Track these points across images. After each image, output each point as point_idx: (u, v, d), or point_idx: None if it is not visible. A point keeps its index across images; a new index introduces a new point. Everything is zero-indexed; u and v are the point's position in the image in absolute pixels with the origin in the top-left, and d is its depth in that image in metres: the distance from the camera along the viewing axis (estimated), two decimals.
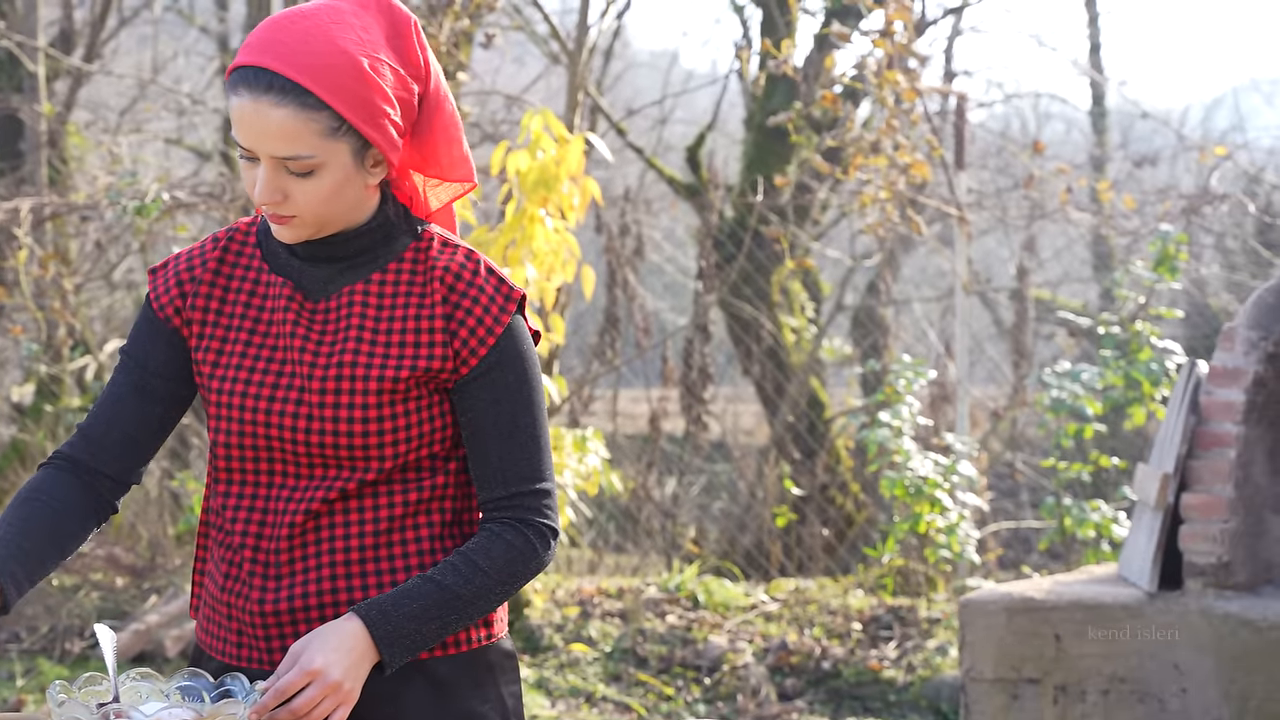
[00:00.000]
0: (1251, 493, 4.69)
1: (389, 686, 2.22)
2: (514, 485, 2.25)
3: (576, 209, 6.07)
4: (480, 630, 2.30)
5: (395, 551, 2.25)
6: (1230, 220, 9.74)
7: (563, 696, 6.17)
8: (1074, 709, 4.69)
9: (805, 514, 8.61)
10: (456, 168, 2.28)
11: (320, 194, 2.16)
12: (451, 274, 2.23)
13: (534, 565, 2.26)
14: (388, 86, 2.16)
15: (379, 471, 2.22)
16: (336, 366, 2.21)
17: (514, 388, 2.24)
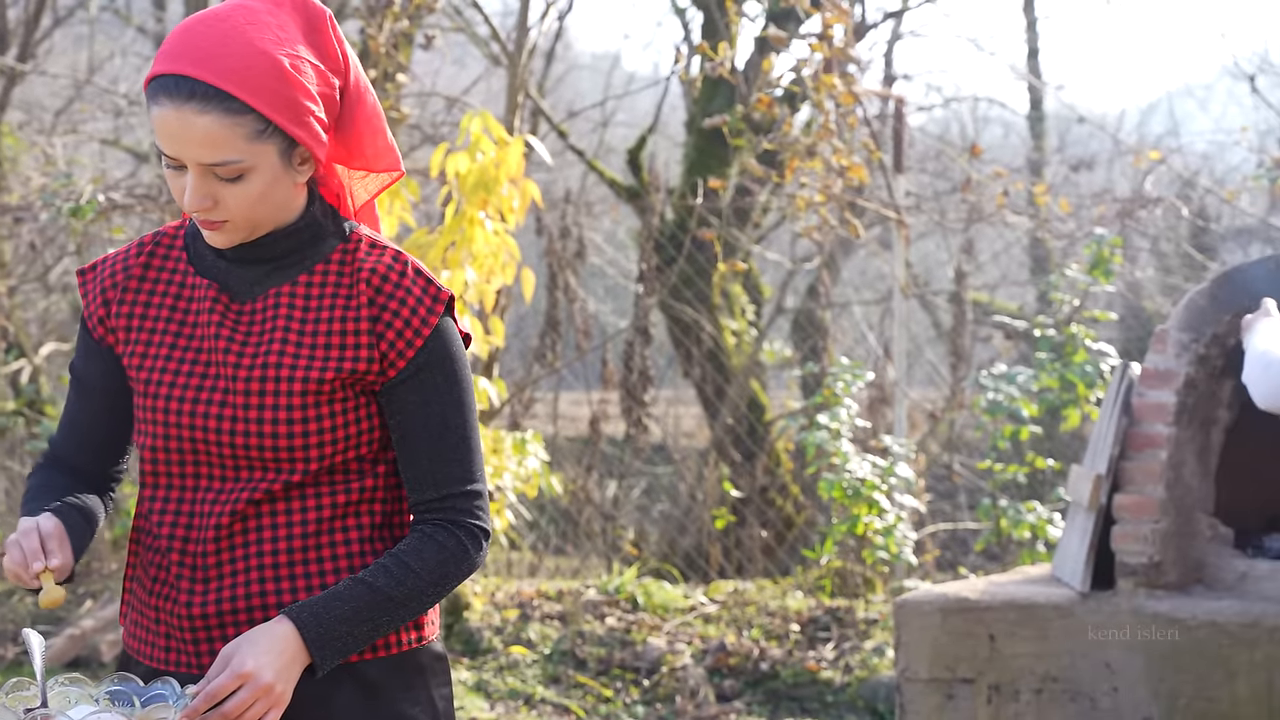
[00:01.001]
0: (1182, 493, 4.75)
1: (319, 689, 2.21)
2: (445, 487, 2.24)
3: (516, 211, 6.06)
4: (411, 632, 2.30)
5: (324, 554, 2.24)
6: (1165, 224, 9.84)
7: (502, 699, 6.17)
8: (1007, 708, 4.73)
9: (744, 516, 8.63)
10: (382, 158, 2.28)
11: (250, 197, 2.15)
12: (379, 276, 2.22)
13: (466, 566, 2.26)
14: (310, 84, 2.16)
15: (305, 474, 2.21)
16: (261, 368, 2.20)
17: (443, 389, 2.24)
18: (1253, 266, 4.69)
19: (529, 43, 7.44)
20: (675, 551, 8.94)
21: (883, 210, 7.29)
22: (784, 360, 10.77)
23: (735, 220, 9.29)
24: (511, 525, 7.49)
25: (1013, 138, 12.77)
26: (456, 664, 6.44)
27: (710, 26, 9.74)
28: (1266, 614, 4.47)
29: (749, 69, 8.99)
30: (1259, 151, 9.48)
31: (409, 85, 8.94)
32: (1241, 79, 10.96)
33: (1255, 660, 4.44)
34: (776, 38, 6.69)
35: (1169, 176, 9.91)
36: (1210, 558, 4.75)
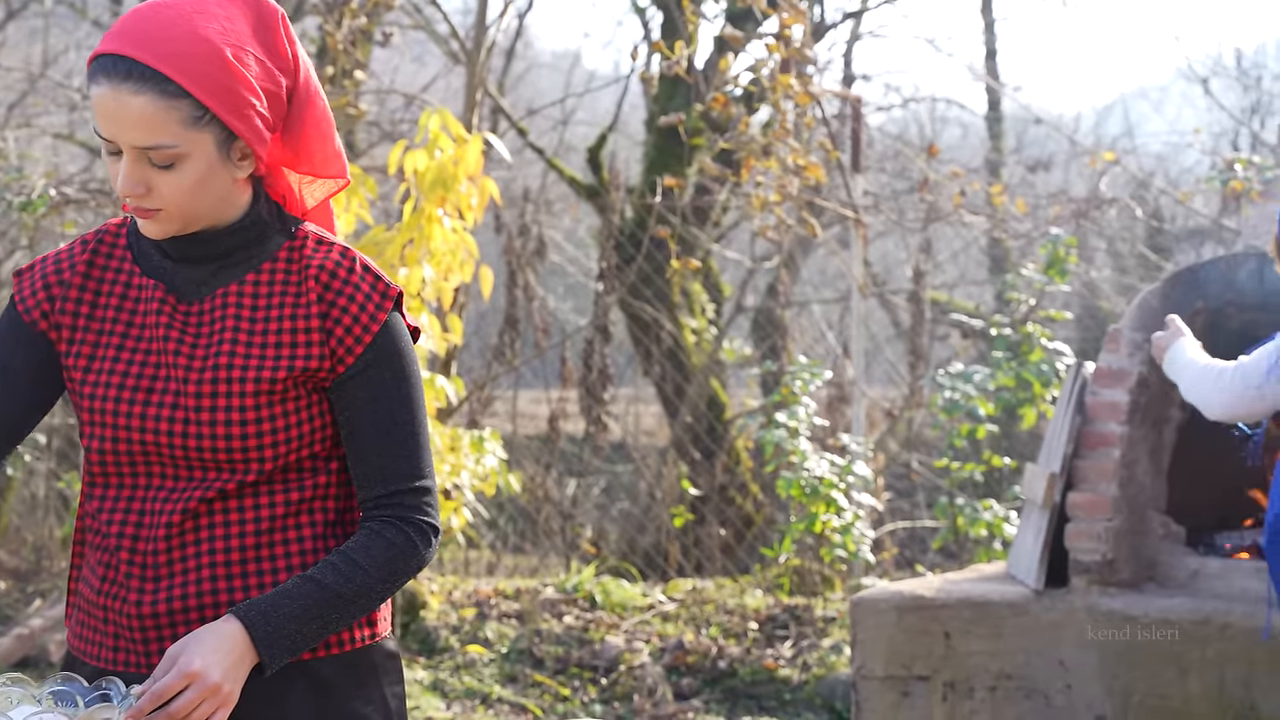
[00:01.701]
0: (1135, 492, 4.78)
1: (270, 687, 2.20)
2: (393, 483, 2.23)
3: (475, 209, 6.05)
4: (363, 630, 2.28)
5: (277, 552, 2.23)
6: (1121, 225, 9.90)
7: (458, 698, 6.15)
8: (962, 705, 4.75)
9: (703, 514, 8.64)
10: (330, 164, 2.27)
11: (184, 186, 2.13)
12: (326, 272, 2.21)
13: (415, 563, 2.25)
14: (253, 77, 2.14)
15: (259, 473, 2.20)
16: (212, 369, 2.18)
17: (391, 385, 2.23)
18: (1204, 267, 4.72)
19: (487, 40, 7.42)
20: (635, 550, 8.94)
21: (840, 210, 7.31)
22: (744, 359, 10.79)
23: (694, 219, 9.30)
24: (470, 524, 7.48)
25: (971, 138, 12.83)
26: (413, 663, 6.43)
27: (670, 26, 9.75)
28: (1218, 611, 4.50)
29: (708, 68, 9.00)
30: (1212, 153, 9.55)
31: (367, 82, 8.91)
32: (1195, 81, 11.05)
33: (1207, 657, 4.47)
34: (733, 37, 6.70)
35: (1124, 178, 9.97)
36: (1163, 555, 4.78)
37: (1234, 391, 3.52)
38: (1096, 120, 15.90)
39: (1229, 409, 3.56)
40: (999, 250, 11.14)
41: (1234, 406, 3.55)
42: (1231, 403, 3.54)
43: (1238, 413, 3.55)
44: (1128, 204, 8.06)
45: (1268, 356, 3.48)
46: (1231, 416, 3.58)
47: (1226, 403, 3.55)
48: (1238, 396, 3.52)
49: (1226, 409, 3.56)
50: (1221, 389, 3.55)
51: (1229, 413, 3.57)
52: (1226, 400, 3.55)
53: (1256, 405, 3.51)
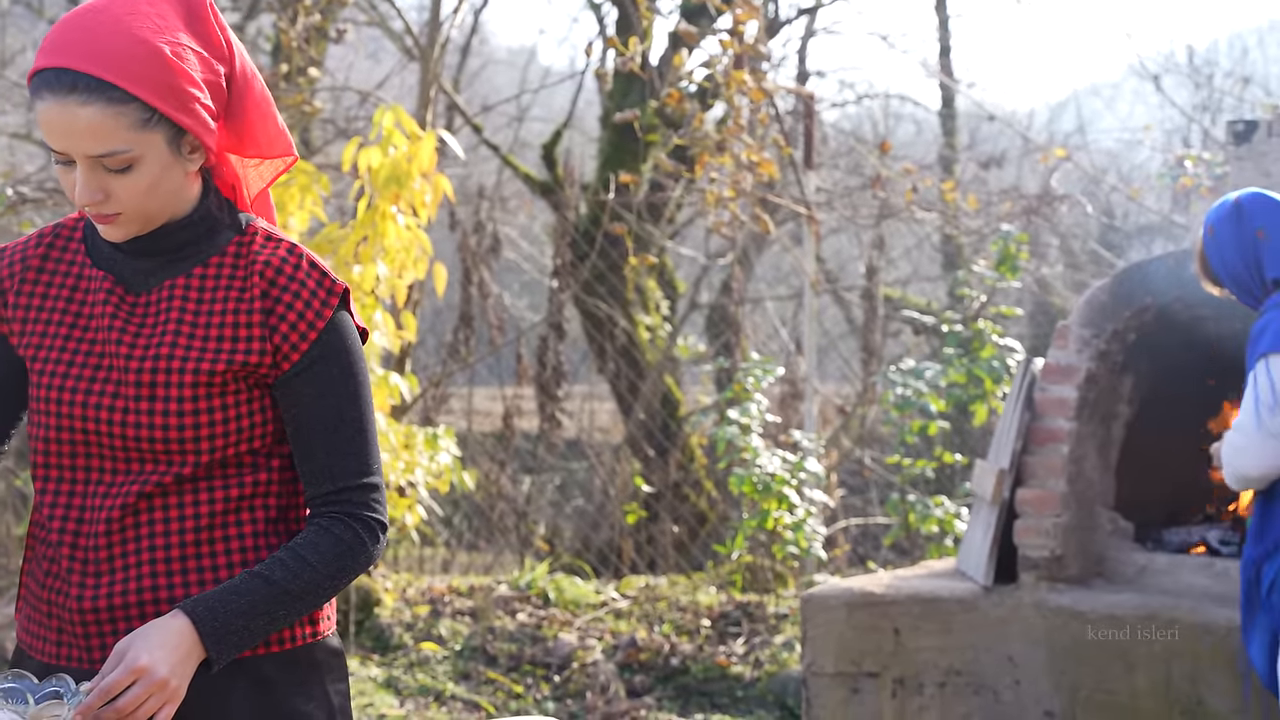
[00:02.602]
0: (1083, 488, 4.81)
1: (212, 685, 2.20)
2: (341, 480, 2.24)
3: (429, 206, 6.05)
4: (306, 628, 2.29)
5: (218, 549, 2.23)
6: (1074, 221, 9.97)
7: (412, 695, 6.15)
8: (911, 701, 4.77)
9: (657, 512, 8.65)
10: (275, 144, 2.27)
11: (140, 188, 2.14)
12: (272, 268, 2.22)
13: (363, 560, 2.26)
14: (193, 71, 2.15)
15: (196, 466, 2.20)
16: (153, 359, 2.19)
17: (338, 382, 2.23)
18: (1152, 264, 4.76)
19: (441, 37, 7.41)
20: (589, 547, 8.94)
21: (793, 206, 7.34)
22: (698, 355, 10.81)
23: (649, 215, 9.30)
24: (425, 521, 7.47)
25: (925, 134, 12.88)
26: (367, 660, 6.42)
27: (625, 22, 9.74)
28: (1165, 607, 4.54)
29: (663, 65, 9.01)
30: (1164, 150, 9.62)
31: (322, 79, 8.87)
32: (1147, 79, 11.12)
33: (1154, 652, 4.51)
34: (687, 33, 6.72)
35: (1077, 174, 10.04)
36: (1111, 551, 4.82)
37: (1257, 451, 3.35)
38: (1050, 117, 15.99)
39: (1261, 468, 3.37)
40: (952, 247, 11.20)
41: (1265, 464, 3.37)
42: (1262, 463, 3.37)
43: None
44: (1079, 200, 8.12)
45: (1255, 406, 3.34)
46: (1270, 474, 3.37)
47: (1255, 466, 3.37)
48: (1263, 453, 3.35)
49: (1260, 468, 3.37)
50: (1240, 456, 3.38)
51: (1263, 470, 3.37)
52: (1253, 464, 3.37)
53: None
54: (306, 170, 6.02)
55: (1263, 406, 3.32)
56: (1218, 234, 3.55)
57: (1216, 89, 11.87)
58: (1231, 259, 3.52)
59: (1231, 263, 3.52)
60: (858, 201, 9.02)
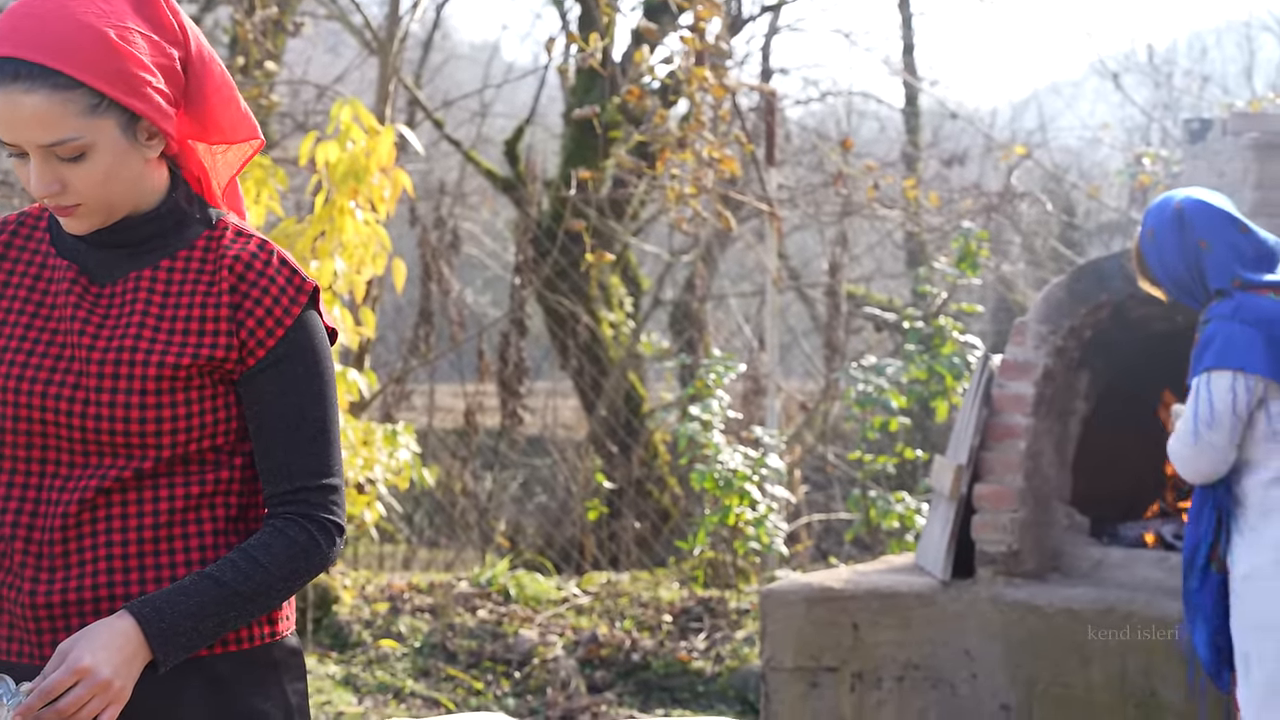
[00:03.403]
0: (1040, 483, 4.83)
1: (165, 684, 2.18)
2: (300, 480, 2.22)
3: (387, 201, 6.02)
4: (264, 627, 2.26)
5: (175, 546, 2.21)
6: (1036, 219, 10.00)
7: (371, 693, 6.12)
8: (870, 696, 4.78)
9: (620, 508, 8.65)
10: (239, 128, 2.25)
11: (96, 176, 2.12)
12: (242, 263, 2.20)
13: (317, 562, 2.23)
14: (143, 55, 2.13)
15: (156, 461, 2.18)
16: (116, 351, 2.17)
17: (303, 381, 2.21)
18: (1108, 261, 4.78)
19: (400, 31, 7.39)
20: (552, 544, 8.94)
21: (755, 203, 7.34)
22: (661, 352, 10.81)
23: (611, 212, 9.30)
24: (384, 518, 7.45)
25: (889, 132, 12.91)
26: (325, 658, 6.39)
27: (587, 18, 9.73)
28: (1120, 600, 4.56)
29: (625, 61, 9.00)
30: (1125, 148, 9.67)
31: (281, 73, 8.84)
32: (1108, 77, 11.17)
33: (1109, 646, 4.53)
34: (648, 30, 6.71)
35: (1039, 172, 10.07)
36: (1067, 546, 4.84)
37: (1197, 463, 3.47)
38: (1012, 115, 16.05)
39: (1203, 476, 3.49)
40: (915, 244, 11.23)
41: (1204, 473, 3.48)
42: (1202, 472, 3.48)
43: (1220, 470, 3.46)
44: (1039, 198, 8.15)
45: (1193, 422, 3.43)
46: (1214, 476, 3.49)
47: (1199, 475, 3.49)
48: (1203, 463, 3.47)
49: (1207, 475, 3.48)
50: (1185, 466, 3.50)
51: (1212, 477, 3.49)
52: (1196, 474, 3.50)
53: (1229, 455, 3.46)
54: (263, 164, 5.99)
55: (1201, 422, 3.44)
56: (1158, 238, 3.59)
57: (1176, 88, 11.94)
58: (1173, 263, 3.56)
59: (1173, 266, 3.57)
60: (820, 198, 9.03)
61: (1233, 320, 3.44)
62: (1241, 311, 3.44)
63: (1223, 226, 3.53)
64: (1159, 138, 10.87)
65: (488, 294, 14.23)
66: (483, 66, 13.73)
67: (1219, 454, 3.45)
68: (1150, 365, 5.02)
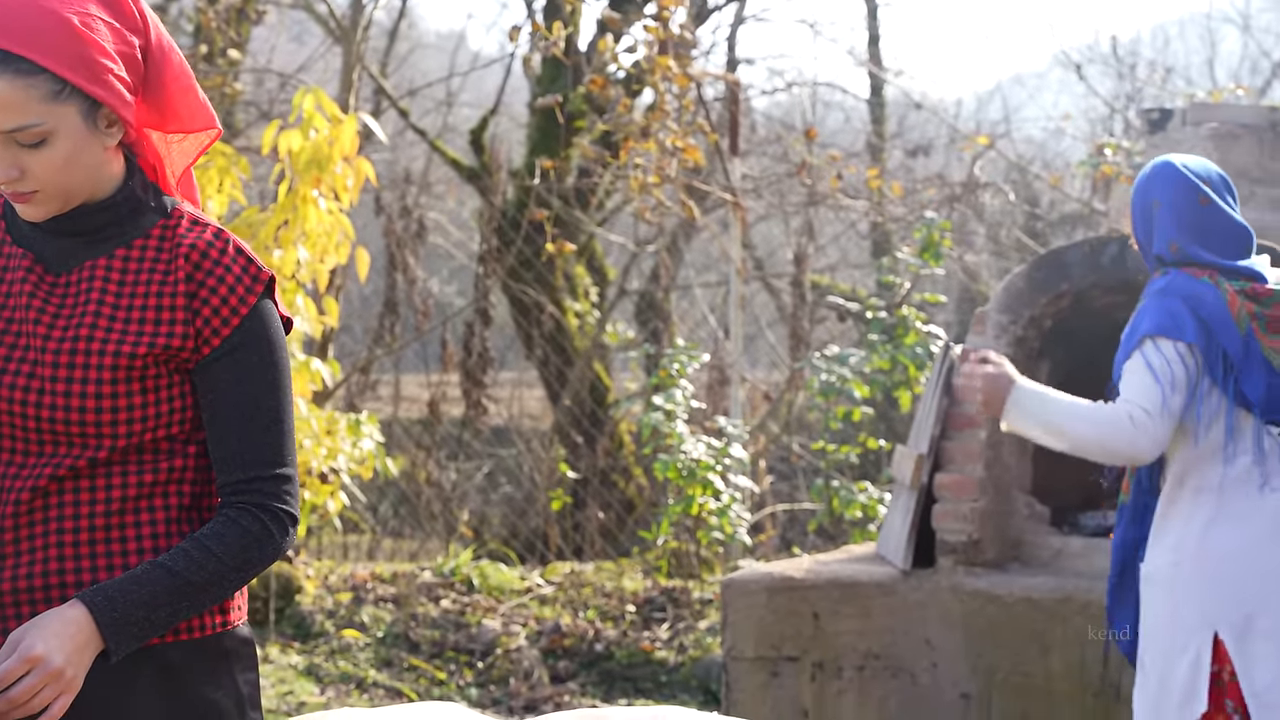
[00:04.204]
0: (1000, 472, 4.85)
1: (116, 673, 2.17)
2: (253, 469, 2.21)
3: (350, 190, 6.00)
4: (215, 617, 2.26)
5: (128, 534, 2.20)
6: (1001, 210, 10.03)
7: (333, 682, 6.11)
8: (830, 685, 4.79)
9: (584, 498, 8.64)
10: (197, 116, 2.25)
11: (56, 163, 2.12)
12: (198, 252, 2.20)
13: (270, 552, 2.23)
14: (104, 41, 2.12)
15: (111, 450, 2.17)
16: (71, 340, 2.16)
17: (258, 370, 2.21)
18: (1068, 250, 4.80)
19: (364, 19, 7.36)
20: (517, 534, 8.93)
21: (719, 193, 7.34)
22: (627, 342, 10.80)
23: (576, 201, 9.28)
24: (349, 507, 7.43)
25: (854, 122, 12.94)
26: (288, 648, 6.37)
27: (553, 7, 9.71)
28: (1079, 589, 4.58)
29: (591, 51, 8.99)
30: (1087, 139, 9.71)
31: (245, 62, 8.79)
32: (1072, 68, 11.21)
33: (1068, 635, 4.55)
34: (611, 19, 6.70)
35: (1003, 163, 10.10)
36: (1027, 535, 4.86)
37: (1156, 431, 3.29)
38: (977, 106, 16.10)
39: (1157, 449, 3.31)
40: (880, 234, 11.25)
41: (1161, 445, 3.31)
42: (1158, 443, 3.31)
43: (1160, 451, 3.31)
44: (1001, 188, 8.17)
45: (1158, 385, 3.31)
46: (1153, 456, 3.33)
47: (1153, 446, 3.31)
48: (1161, 434, 3.29)
49: (1154, 450, 3.32)
50: (1143, 433, 3.29)
51: (1156, 453, 3.32)
52: (1151, 445, 3.31)
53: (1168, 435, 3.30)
54: (225, 153, 5.97)
55: (1165, 384, 3.29)
56: (1132, 194, 3.49)
57: (1139, 79, 11.99)
58: (1134, 219, 3.46)
59: (1134, 222, 3.46)
60: (785, 189, 9.04)
61: (1164, 296, 3.31)
62: (1171, 289, 3.31)
63: (1181, 191, 3.34)
64: (1122, 128, 10.92)
65: (454, 284, 14.20)
66: (449, 56, 13.69)
67: (1173, 424, 3.30)
68: (1112, 355, 5.04)
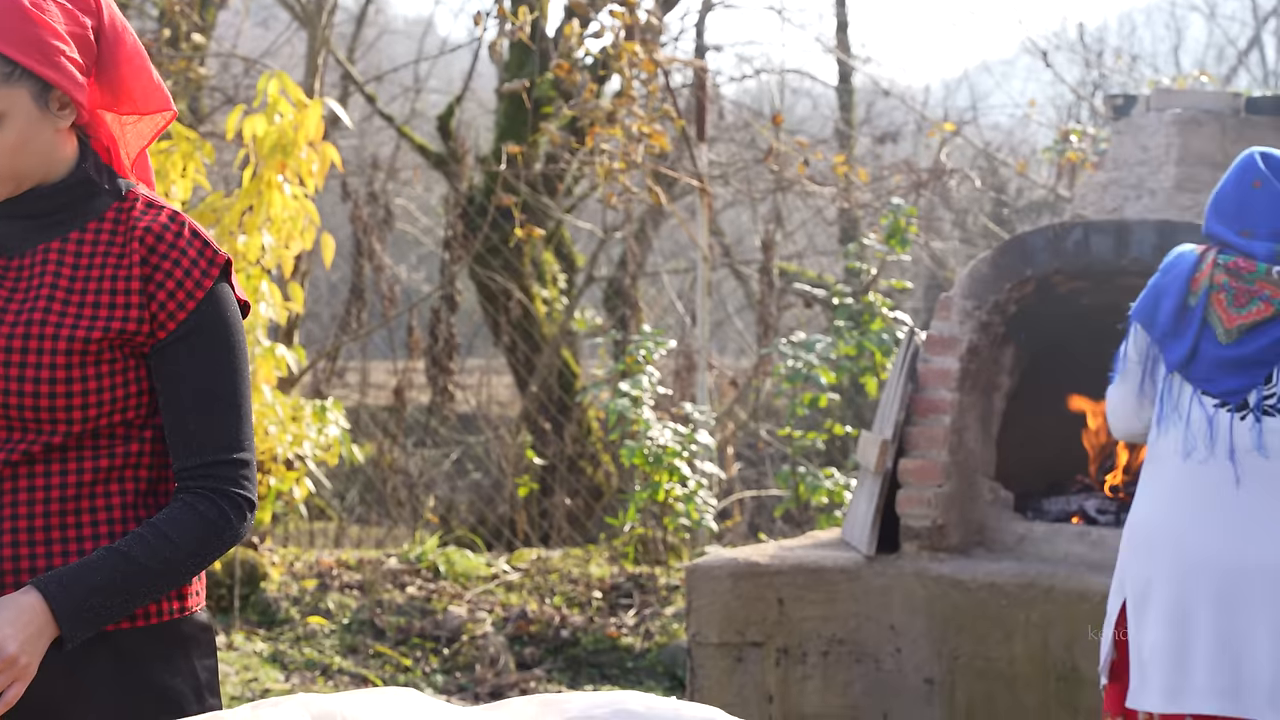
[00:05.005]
0: (964, 458, 4.86)
1: (71, 659, 2.16)
2: (210, 454, 2.20)
3: (315, 175, 5.97)
4: (173, 602, 2.25)
5: (84, 520, 2.19)
6: (969, 197, 10.06)
7: (298, 669, 6.09)
8: (795, 670, 4.80)
9: (552, 485, 8.63)
10: (151, 98, 2.23)
11: (7, 145, 2.10)
12: (153, 235, 2.18)
13: (228, 537, 2.22)
14: (56, 23, 2.11)
15: (66, 435, 2.16)
16: (25, 324, 2.14)
17: (214, 354, 2.20)
18: (1032, 236, 4.80)
19: (329, 3, 7.32)
20: (485, 521, 8.92)
21: (686, 179, 7.34)
22: (595, 328, 10.80)
23: (544, 188, 9.26)
24: (315, 494, 7.41)
25: (823, 109, 12.95)
26: (253, 635, 6.35)
27: None
28: (1042, 574, 4.59)
29: (559, 37, 8.96)
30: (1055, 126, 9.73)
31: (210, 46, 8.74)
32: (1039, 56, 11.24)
33: (1032, 620, 4.56)
34: (577, 4, 6.68)
35: (971, 150, 10.12)
36: (991, 520, 4.87)
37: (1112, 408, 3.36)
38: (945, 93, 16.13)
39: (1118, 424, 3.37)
40: (849, 221, 11.26)
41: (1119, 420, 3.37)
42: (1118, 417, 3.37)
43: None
44: (966, 175, 8.19)
45: (1116, 362, 3.36)
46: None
47: (1114, 422, 3.37)
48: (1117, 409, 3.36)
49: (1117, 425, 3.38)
50: (1109, 410, 3.39)
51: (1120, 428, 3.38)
52: (1113, 421, 3.38)
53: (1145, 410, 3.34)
54: (189, 138, 5.93)
55: (1120, 361, 3.35)
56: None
57: (1106, 66, 12.02)
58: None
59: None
60: (753, 175, 9.04)
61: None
62: (1163, 265, 3.33)
63: (1239, 172, 3.30)
64: (1088, 115, 10.94)
65: (421, 270, 14.17)
66: (417, 41, 13.64)
67: (1115, 406, 3.36)
68: (1076, 340, 5.06)
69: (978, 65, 21.99)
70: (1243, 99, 5.02)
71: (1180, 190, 4.86)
